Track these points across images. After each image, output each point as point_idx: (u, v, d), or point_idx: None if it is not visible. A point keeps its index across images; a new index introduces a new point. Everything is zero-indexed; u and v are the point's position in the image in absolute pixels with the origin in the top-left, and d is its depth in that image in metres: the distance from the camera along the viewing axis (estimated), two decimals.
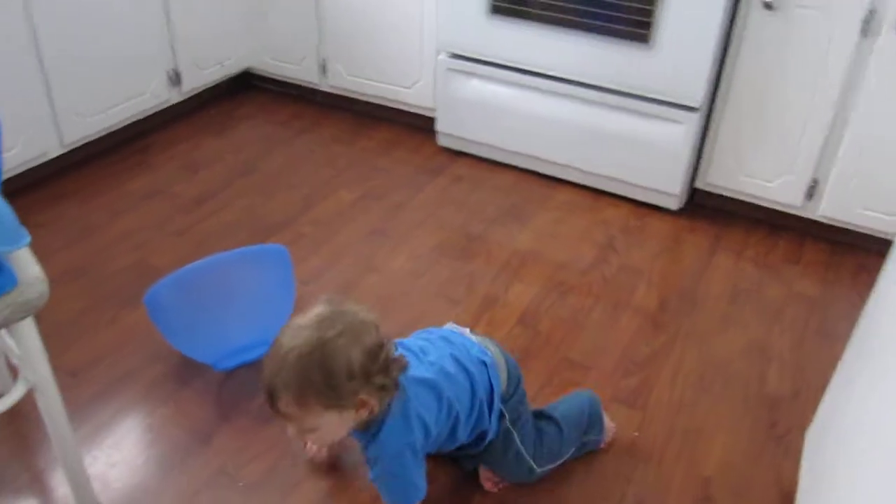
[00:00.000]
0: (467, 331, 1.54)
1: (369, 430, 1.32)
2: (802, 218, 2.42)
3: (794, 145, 2.29)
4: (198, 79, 2.97)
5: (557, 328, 2.04)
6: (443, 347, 1.45)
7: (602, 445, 1.68)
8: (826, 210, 2.34)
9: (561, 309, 2.12)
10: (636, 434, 1.74)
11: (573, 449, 1.62)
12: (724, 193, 2.50)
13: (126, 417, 1.74)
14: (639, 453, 1.70)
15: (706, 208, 2.58)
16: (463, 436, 1.45)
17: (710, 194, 2.54)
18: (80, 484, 1.48)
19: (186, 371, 1.85)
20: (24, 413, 1.70)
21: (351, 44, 2.88)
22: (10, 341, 1.36)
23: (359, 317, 1.25)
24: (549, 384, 1.86)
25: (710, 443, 1.73)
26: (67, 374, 1.82)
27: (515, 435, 1.52)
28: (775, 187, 2.38)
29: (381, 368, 1.24)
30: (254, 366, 1.86)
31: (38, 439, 1.66)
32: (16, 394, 1.29)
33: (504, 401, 1.49)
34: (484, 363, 1.46)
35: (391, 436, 1.30)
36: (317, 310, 1.25)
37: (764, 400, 1.85)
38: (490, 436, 1.49)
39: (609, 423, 1.69)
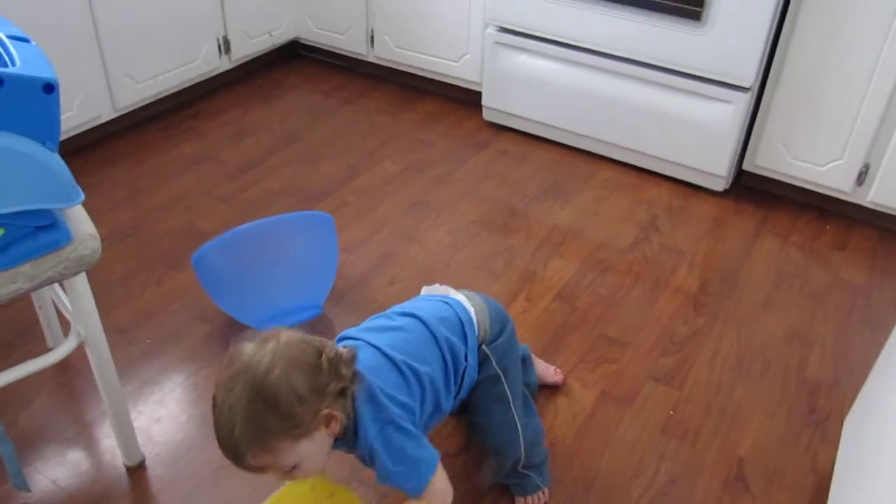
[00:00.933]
0: (444, 289, 1.48)
1: (348, 437, 1.23)
2: (851, 203, 2.38)
3: (847, 129, 2.24)
4: (247, 47, 3.00)
5: (595, 305, 2.04)
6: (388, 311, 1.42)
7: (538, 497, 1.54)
8: (876, 196, 2.30)
9: (600, 287, 2.11)
10: (672, 413, 1.74)
11: (544, 457, 1.55)
12: (772, 176, 2.46)
13: (171, 375, 1.79)
14: (673, 431, 1.70)
15: (752, 191, 2.54)
16: (453, 387, 1.37)
17: (757, 177, 2.50)
18: (126, 436, 1.53)
19: (230, 332, 1.90)
20: (74, 367, 1.76)
21: (399, 15, 2.88)
22: (63, 296, 1.41)
23: (282, 340, 1.15)
24: (585, 360, 1.87)
25: (747, 425, 1.73)
26: (116, 331, 1.88)
27: (503, 378, 1.42)
28: (825, 171, 2.34)
29: (330, 375, 1.15)
30: (296, 329, 1.89)
31: (86, 392, 1.72)
32: (68, 346, 1.34)
33: (488, 343, 1.41)
34: (446, 302, 1.41)
35: (368, 424, 1.21)
36: (237, 354, 1.14)
37: (803, 385, 1.84)
38: (472, 374, 1.40)
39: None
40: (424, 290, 1.52)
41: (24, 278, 1.18)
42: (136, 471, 1.57)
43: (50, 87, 1.10)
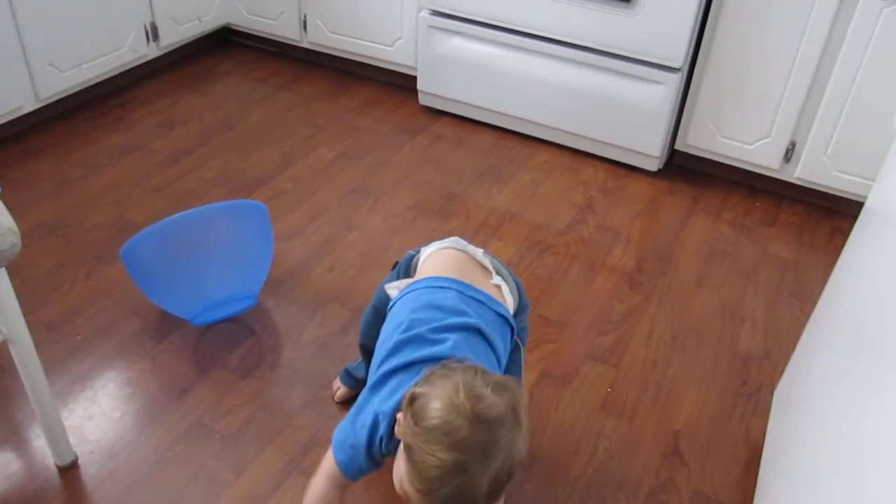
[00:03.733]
0: (478, 252, 1.40)
1: None
2: (780, 180, 2.44)
3: (773, 108, 2.30)
4: (175, 34, 2.92)
5: (534, 287, 2.06)
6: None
7: None
8: (802, 173, 2.36)
9: (538, 268, 2.13)
10: (609, 390, 1.77)
11: None
12: (704, 155, 2.51)
13: (103, 371, 1.75)
14: (611, 408, 1.73)
15: (685, 170, 2.59)
16: None
17: (689, 156, 2.55)
18: (56, 436, 1.49)
19: (164, 325, 1.86)
20: (1, 366, 1.70)
21: (331, 0, 2.85)
22: None
23: (522, 405, 1.07)
24: None
25: (682, 399, 1.76)
26: (44, 328, 1.82)
27: (521, 348, 1.41)
28: (753, 149, 2.39)
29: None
30: (231, 320, 1.87)
31: (14, 392, 1.66)
32: None
33: (515, 315, 1.37)
34: (502, 316, 1.33)
35: None
36: (494, 416, 1.02)
37: (735, 359, 1.89)
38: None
39: None
40: (451, 243, 1.41)
41: None
42: (69, 470, 1.52)
43: None
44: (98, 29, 2.60)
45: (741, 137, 2.39)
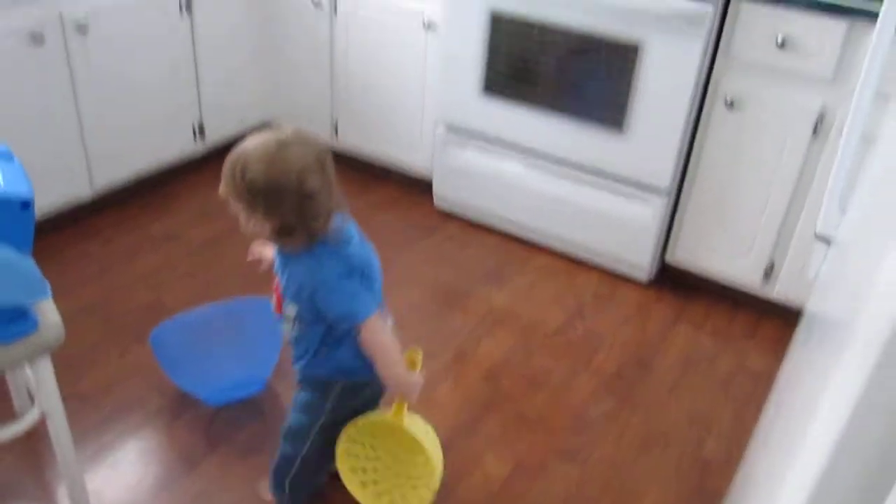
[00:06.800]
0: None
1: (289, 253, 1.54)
2: (760, 297, 2.62)
3: (752, 231, 2.50)
4: (220, 131, 3.25)
5: (518, 385, 2.25)
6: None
7: None
8: (781, 290, 2.54)
9: (525, 368, 2.33)
10: (576, 489, 1.94)
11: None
12: (690, 270, 2.70)
13: (126, 441, 1.98)
14: None
15: (674, 282, 2.78)
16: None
17: (677, 269, 2.75)
18: (79, 498, 1.71)
19: (182, 404, 2.09)
20: (39, 432, 1.94)
21: (360, 109, 3.15)
22: (28, 372, 1.61)
23: (298, 161, 1.43)
24: (502, 437, 2.07)
25: (642, 500, 1.93)
26: (79, 399, 2.07)
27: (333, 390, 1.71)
28: (735, 268, 2.59)
29: (298, 210, 1.43)
30: (241, 402, 2.10)
31: (47, 456, 1.90)
32: (30, 419, 1.54)
33: None
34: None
35: (326, 262, 1.52)
36: (286, 133, 1.47)
37: (696, 463, 2.05)
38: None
39: None
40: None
41: None
42: None
43: (26, 205, 1.32)
44: (152, 127, 2.93)
45: (723, 255, 2.59)
